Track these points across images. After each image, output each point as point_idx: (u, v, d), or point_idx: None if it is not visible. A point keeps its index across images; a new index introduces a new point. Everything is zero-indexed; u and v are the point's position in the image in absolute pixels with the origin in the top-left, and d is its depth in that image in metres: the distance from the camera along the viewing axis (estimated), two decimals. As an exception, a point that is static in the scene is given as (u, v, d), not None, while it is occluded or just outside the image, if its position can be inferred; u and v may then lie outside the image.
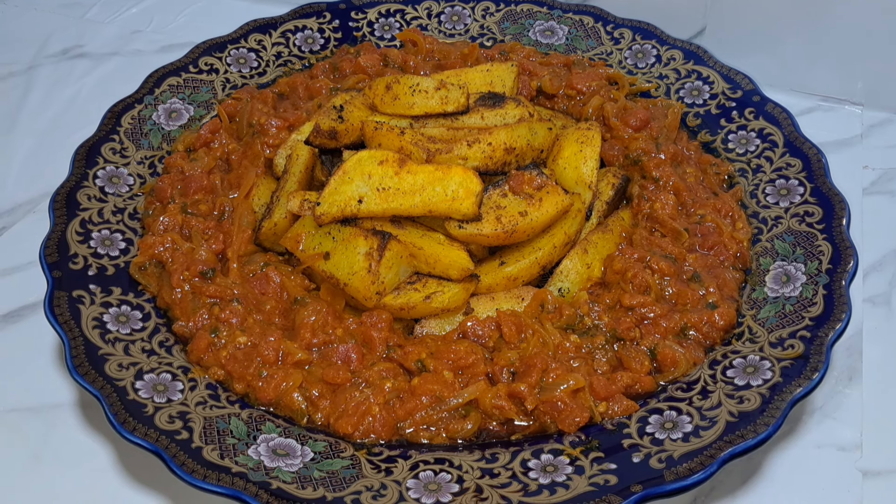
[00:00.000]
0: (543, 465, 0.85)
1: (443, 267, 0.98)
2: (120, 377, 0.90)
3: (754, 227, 1.08)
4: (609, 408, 0.90)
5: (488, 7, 1.40)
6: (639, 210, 1.09)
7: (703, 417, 0.87)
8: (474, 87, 1.16)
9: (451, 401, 0.90)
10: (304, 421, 0.90)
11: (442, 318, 0.99)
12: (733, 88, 1.24)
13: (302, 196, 1.00)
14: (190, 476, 0.80)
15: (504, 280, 1.01)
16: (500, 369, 0.93)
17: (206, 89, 1.27)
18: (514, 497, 0.81)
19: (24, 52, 1.53)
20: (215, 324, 0.96)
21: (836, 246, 1.01)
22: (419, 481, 0.83)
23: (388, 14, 1.39)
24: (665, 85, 1.28)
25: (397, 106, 1.10)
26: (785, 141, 1.15)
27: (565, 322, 0.97)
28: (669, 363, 0.93)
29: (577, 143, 1.09)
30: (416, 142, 1.03)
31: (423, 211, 0.99)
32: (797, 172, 1.12)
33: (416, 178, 0.98)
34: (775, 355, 0.92)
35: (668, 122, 1.20)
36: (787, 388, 0.87)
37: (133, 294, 1.00)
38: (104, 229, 1.06)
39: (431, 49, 1.33)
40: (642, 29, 1.34)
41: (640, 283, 0.99)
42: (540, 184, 1.02)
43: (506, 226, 0.99)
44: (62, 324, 0.93)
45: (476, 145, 1.03)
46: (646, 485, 0.80)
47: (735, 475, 0.93)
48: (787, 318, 0.96)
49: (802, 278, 0.99)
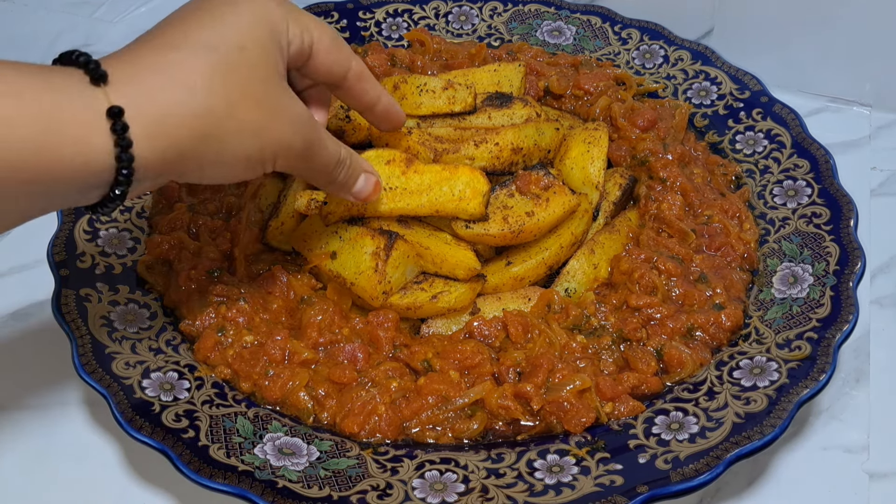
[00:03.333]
0: (549, 465, 0.85)
1: (449, 267, 0.98)
2: (127, 375, 0.90)
3: (761, 228, 1.08)
4: (615, 408, 0.90)
5: (496, 7, 1.40)
6: (646, 210, 1.09)
7: (709, 418, 0.87)
8: (482, 87, 1.16)
9: (457, 401, 0.90)
10: (311, 420, 0.90)
11: (448, 317, 0.99)
12: (741, 89, 1.24)
13: (309, 195, 1.01)
14: (196, 475, 0.81)
15: (511, 280, 1.01)
16: (506, 369, 0.93)
17: (214, 88, 1.27)
18: (520, 497, 0.81)
19: (32, 51, 1.53)
20: (222, 323, 0.96)
21: (844, 247, 1.01)
22: (425, 481, 0.83)
23: (396, 14, 1.39)
24: (673, 85, 1.27)
25: (404, 105, 1.09)
26: (793, 142, 1.15)
27: (572, 322, 0.97)
28: (676, 364, 0.93)
29: (584, 144, 1.09)
30: (424, 141, 1.04)
31: (430, 211, 0.99)
32: (805, 173, 1.11)
33: (423, 177, 0.99)
34: (782, 356, 0.92)
35: (675, 122, 1.20)
36: (794, 389, 0.87)
37: (140, 293, 1.00)
38: (112, 228, 1.06)
39: (439, 49, 1.33)
40: (650, 29, 1.34)
41: (646, 284, 0.99)
42: (547, 184, 1.02)
43: (512, 226, 0.99)
44: (69, 322, 0.93)
45: (483, 145, 1.03)
46: (652, 485, 0.80)
47: (741, 476, 0.92)
48: (794, 319, 0.96)
49: (810, 279, 0.99)
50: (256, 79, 0.73)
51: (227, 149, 0.72)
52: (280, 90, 0.76)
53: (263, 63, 0.74)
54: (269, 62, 0.75)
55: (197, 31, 0.72)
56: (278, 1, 0.77)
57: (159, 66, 0.69)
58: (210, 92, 0.70)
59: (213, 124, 0.70)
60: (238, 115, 0.72)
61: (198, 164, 0.72)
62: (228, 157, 0.73)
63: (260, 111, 0.73)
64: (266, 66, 0.75)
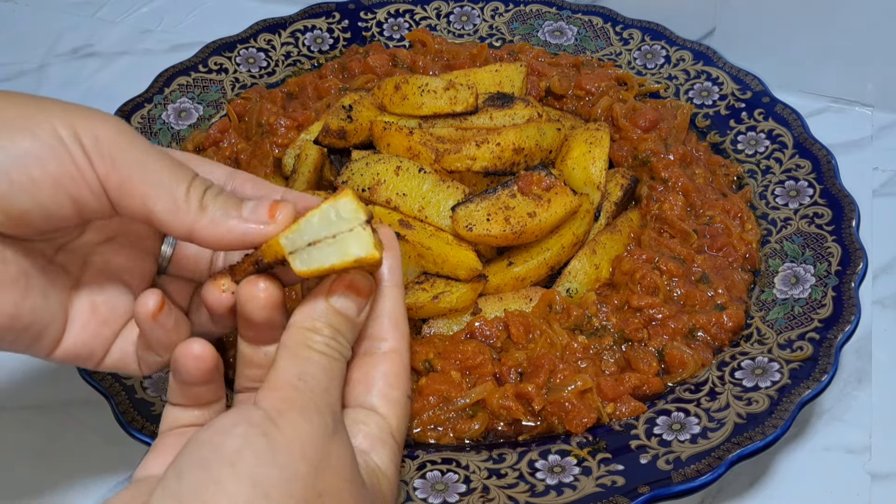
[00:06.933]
0: (551, 465, 0.85)
1: (451, 267, 0.98)
2: (128, 376, 0.90)
3: (763, 228, 1.08)
4: (617, 409, 0.90)
5: (497, 7, 1.40)
6: (647, 211, 1.09)
7: (711, 419, 0.87)
8: (483, 87, 1.16)
9: (458, 401, 0.90)
10: (312, 420, 0.90)
11: (450, 318, 0.99)
12: (743, 89, 1.24)
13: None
14: (198, 474, 0.81)
15: (512, 280, 1.01)
16: (507, 370, 0.93)
17: (216, 89, 1.27)
18: (521, 497, 0.81)
19: (34, 50, 1.53)
20: (223, 323, 0.96)
21: (846, 248, 1.01)
22: (426, 481, 0.83)
23: (398, 14, 1.39)
24: (674, 86, 1.27)
25: (406, 106, 1.10)
26: (794, 142, 1.15)
27: (573, 323, 0.97)
28: (677, 364, 0.93)
29: (585, 144, 1.09)
30: (425, 142, 1.04)
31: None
32: (807, 174, 1.11)
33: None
34: (784, 357, 0.92)
35: (677, 123, 1.20)
36: (796, 390, 0.87)
37: (142, 293, 1.00)
38: (113, 228, 1.06)
39: (440, 49, 1.33)
40: (651, 30, 1.34)
41: (648, 284, 0.99)
42: (548, 184, 1.01)
43: (514, 226, 0.99)
44: (71, 322, 0.93)
45: (485, 145, 1.03)
46: (653, 486, 0.80)
47: (743, 477, 0.92)
48: (795, 319, 0.96)
49: (811, 280, 0.99)
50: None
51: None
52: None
53: None
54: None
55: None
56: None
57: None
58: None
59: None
60: None
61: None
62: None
63: None
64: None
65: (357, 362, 0.66)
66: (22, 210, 0.60)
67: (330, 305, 0.62)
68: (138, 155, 0.61)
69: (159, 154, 0.62)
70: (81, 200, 0.61)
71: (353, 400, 0.65)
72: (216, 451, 0.54)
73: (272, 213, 0.63)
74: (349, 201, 0.61)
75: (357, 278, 0.63)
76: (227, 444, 0.54)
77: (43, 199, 0.60)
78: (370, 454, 0.63)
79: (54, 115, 0.60)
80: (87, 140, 0.60)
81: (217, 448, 0.54)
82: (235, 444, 0.54)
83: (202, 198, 0.62)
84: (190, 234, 0.62)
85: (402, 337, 0.67)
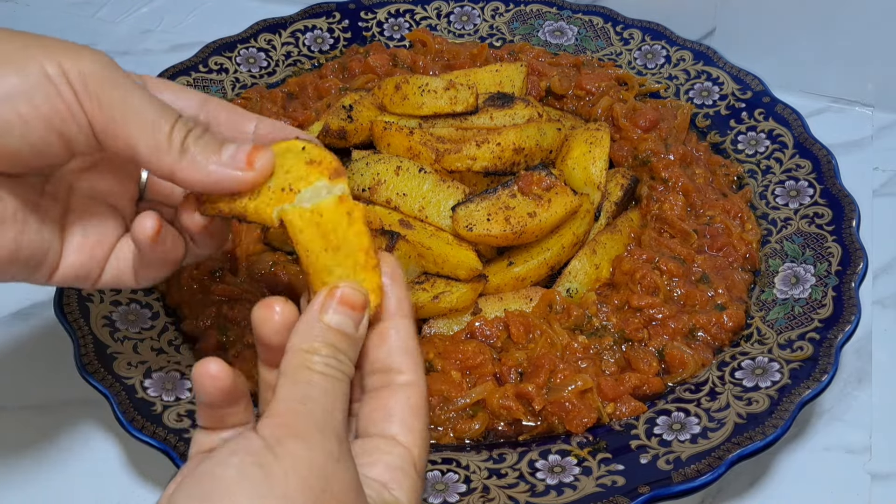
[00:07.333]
0: (551, 465, 0.85)
1: (451, 267, 0.98)
2: (129, 375, 0.90)
3: (763, 228, 1.08)
4: (617, 409, 0.90)
5: (498, 7, 1.40)
6: (647, 211, 1.09)
7: (711, 419, 0.87)
8: (483, 87, 1.16)
9: (458, 401, 0.90)
10: (312, 420, 0.90)
11: (450, 317, 0.99)
12: (743, 89, 1.24)
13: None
14: (198, 474, 0.81)
15: (512, 280, 1.01)
16: (507, 370, 0.93)
17: (216, 89, 1.27)
18: (522, 497, 0.81)
19: (34, 51, 1.53)
20: (224, 322, 0.96)
21: (846, 248, 1.01)
22: (426, 481, 0.83)
23: (398, 14, 1.39)
24: (674, 86, 1.27)
25: (406, 106, 1.10)
26: (795, 142, 1.15)
27: (573, 323, 0.97)
28: (678, 364, 0.93)
29: (586, 144, 1.09)
30: (425, 142, 1.04)
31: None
32: (807, 174, 1.11)
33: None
34: (784, 357, 0.92)
35: (677, 122, 1.20)
36: (796, 390, 0.87)
37: (142, 293, 1.00)
38: (114, 228, 1.06)
39: (441, 49, 1.33)
40: (652, 30, 1.34)
41: (648, 284, 0.99)
42: (549, 184, 1.01)
43: (514, 226, 0.99)
44: (71, 322, 0.93)
45: (485, 145, 1.03)
46: (653, 486, 0.80)
47: (743, 477, 0.92)
48: (796, 319, 0.96)
49: (812, 280, 0.99)
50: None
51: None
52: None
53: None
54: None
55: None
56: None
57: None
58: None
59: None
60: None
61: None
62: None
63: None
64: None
65: (374, 395, 0.64)
66: (13, 148, 0.61)
67: (325, 324, 0.61)
68: (123, 94, 0.62)
69: (143, 94, 0.63)
70: (70, 137, 0.62)
71: (373, 429, 0.63)
72: (214, 483, 0.53)
73: (250, 161, 0.63)
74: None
75: (348, 292, 0.62)
76: (224, 476, 0.53)
77: (32, 137, 0.61)
78: (389, 486, 0.60)
79: (40, 52, 0.61)
80: (74, 76, 0.61)
81: (215, 479, 0.53)
82: (231, 475, 0.53)
83: (184, 140, 0.63)
84: (171, 175, 0.64)
85: (418, 368, 0.65)
